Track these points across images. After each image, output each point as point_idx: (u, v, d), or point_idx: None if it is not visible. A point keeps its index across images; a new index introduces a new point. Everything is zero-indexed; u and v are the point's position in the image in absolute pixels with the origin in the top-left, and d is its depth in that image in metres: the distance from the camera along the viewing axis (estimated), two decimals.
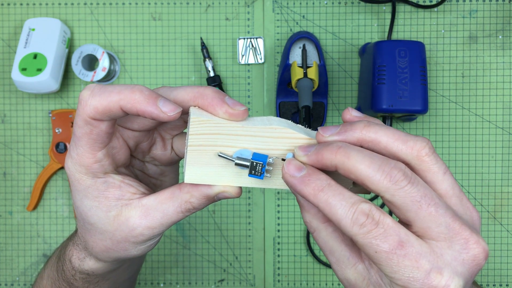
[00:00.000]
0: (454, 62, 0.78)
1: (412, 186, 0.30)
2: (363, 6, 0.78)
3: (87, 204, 0.39)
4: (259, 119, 0.37)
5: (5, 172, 0.79)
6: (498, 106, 0.77)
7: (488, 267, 0.77)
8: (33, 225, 0.79)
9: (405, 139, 0.32)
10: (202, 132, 0.36)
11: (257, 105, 0.78)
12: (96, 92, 0.35)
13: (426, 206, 0.30)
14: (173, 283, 0.79)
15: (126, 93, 0.35)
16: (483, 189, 0.77)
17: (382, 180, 0.30)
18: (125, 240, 0.39)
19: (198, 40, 0.78)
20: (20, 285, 0.79)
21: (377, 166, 0.30)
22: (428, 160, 0.32)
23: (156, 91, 0.38)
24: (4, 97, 0.79)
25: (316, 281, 0.79)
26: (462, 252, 0.30)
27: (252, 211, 0.78)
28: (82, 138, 0.37)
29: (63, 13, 0.78)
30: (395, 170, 0.30)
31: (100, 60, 0.74)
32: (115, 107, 0.35)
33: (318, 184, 0.32)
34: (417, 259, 0.30)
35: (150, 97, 0.35)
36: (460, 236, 0.30)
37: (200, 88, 0.37)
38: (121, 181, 0.39)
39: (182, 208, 0.38)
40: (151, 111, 0.35)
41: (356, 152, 0.31)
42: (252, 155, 0.36)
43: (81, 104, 0.36)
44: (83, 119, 0.36)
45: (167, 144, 0.43)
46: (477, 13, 0.77)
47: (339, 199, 0.31)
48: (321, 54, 0.72)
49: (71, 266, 0.46)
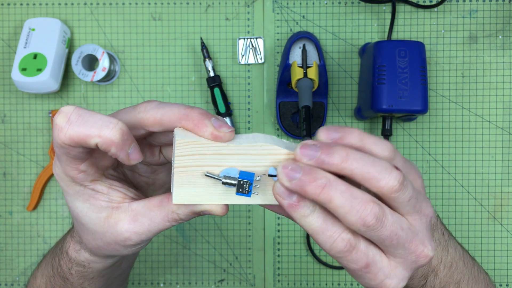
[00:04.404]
0: (454, 62, 0.78)
1: (380, 228, 0.35)
2: (363, 6, 0.78)
3: (78, 206, 0.39)
4: (245, 137, 0.38)
5: (5, 172, 0.79)
6: (498, 106, 0.77)
7: (488, 267, 0.77)
8: (33, 225, 0.79)
9: (378, 177, 0.34)
10: (187, 154, 0.36)
11: (257, 105, 0.78)
12: (73, 120, 0.35)
13: (390, 241, 0.36)
14: (173, 283, 0.79)
15: (106, 133, 0.35)
16: (483, 189, 0.77)
17: (357, 223, 0.34)
18: (115, 243, 0.40)
19: (198, 40, 0.78)
20: (20, 285, 0.79)
21: (355, 212, 0.34)
22: (395, 196, 0.35)
23: (144, 107, 0.38)
24: (4, 97, 0.79)
25: (316, 281, 0.79)
26: (411, 264, 0.38)
27: (252, 211, 0.78)
28: (61, 156, 0.37)
29: (63, 13, 0.78)
30: (369, 217, 0.34)
31: (100, 60, 0.74)
32: (91, 142, 0.35)
33: (305, 210, 0.35)
34: (376, 274, 0.37)
35: (126, 142, 0.36)
36: (413, 254, 0.37)
37: (186, 109, 0.37)
38: (108, 187, 0.39)
39: (169, 218, 0.38)
40: (122, 157, 0.36)
41: (338, 196, 0.34)
42: (239, 173, 0.36)
43: (56, 130, 0.35)
44: (57, 143, 0.36)
45: (155, 151, 0.43)
46: (477, 13, 0.77)
47: (323, 229, 0.36)
48: (321, 54, 0.72)
49: (68, 258, 0.47)
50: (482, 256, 0.78)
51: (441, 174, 0.77)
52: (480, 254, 0.78)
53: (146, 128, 0.38)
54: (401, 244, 0.36)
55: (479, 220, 0.78)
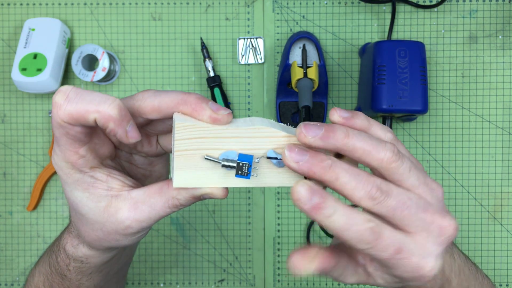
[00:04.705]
0: (454, 62, 0.78)
1: (386, 198, 0.35)
2: (363, 6, 0.78)
3: (78, 195, 0.40)
4: (242, 120, 0.38)
5: (5, 172, 0.79)
6: (498, 106, 0.77)
7: (488, 267, 0.77)
8: (33, 225, 0.79)
9: (377, 150, 0.36)
10: (187, 137, 0.36)
11: (257, 105, 0.78)
12: (72, 97, 0.35)
13: (400, 211, 0.36)
14: (173, 283, 0.79)
15: (104, 108, 0.35)
16: (483, 189, 0.77)
17: (365, 197, 0.35)
18: (115, 232, 0.40)
19: (198, 40, 0.78)
20: (20, 285, 0.79)
21: (361, 186, 0.35)
22: (395, 166, 0.36)
23: (141, 95, 0.38)
24: (4, 97, 0.79)
25: (316, 281, 0.79)
26: (438, 237, 0.37)
27: (252, 211, 0.78)
28: (61, 138, 0.37)
29: (63, 13, 0.78)
30: (373, 189, 0.35)
31: (100, 60, 0.74)
32: (90, 118, 0.35)
33: (328, 210, 0.35)
34: (409, 257, 0.36)
35: (124, 118, 0.36)
36: (434, 225, 0.36)
37: (184, 94, 0.38)
38: (107, 175, 0.40)
39: (169, 204, 0.39)
40: (120, 134, 0.36)
41: (344, 174, 0.35)
42: (238, 156, 0.37)
43: (55, 108, 0.36)
44: (57, 122, 0.36)
45: (152, 140, 0.43)
46: (477, 13, 0.77)
47: (348, 224, 0.35)
48: (321, 54, 0.72)
49: (65, 254, 0.47)
50: (482, 256, 0.78)
51: (441, 174, 0.78)
52: (480, 254, 0.78)
53: (144, 115, 0.39)
54: (414, 214, 0.36)
55: (479, 220, 0.78)
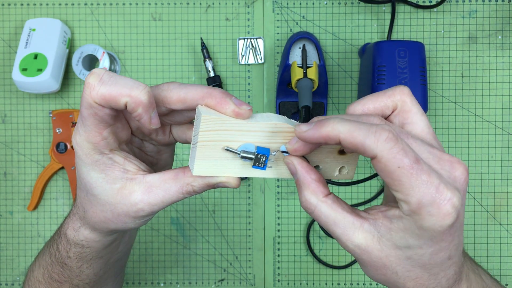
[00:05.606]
0: (454, 62, 0.78)
1: (398, 142, 0.33)
2: (363, 6, 0.78)
3: (94, 176, 0.41)
4: (260, 116, 0.41)
5: (6, 172, 0.79)
6: (498, 106, 0.77)
7: (488, 267, 0.77)
8: (33, 225, 0.79)
9: (386, 92, 0.37)
10: (211, 129, 0.38)
11: (257, 105, 0.78)
12: (106, 80, 0.37)
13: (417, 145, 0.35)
14: (173, 283, 0.79)
15: (137, 93, 0.37)
16: (483, 189, 0.78)
17: (376, 143, 0.33)
18: (125, 214, 0.41)
19: (198, 40, 0.78)
20: (20, 285, 0.79)
21: (373, 131, 0.33)
22: (409, 101, 0.37)
23: (167, 86, 0.40)
24: (5, 97, 0.79)
25: (316, 281, 0.79)
26: (451, 171, 0.35)
27: (252, 211, 0.79)
28: (88, 118, 0.39)
29: (63, 13, 0.79)
30: (383, 131, 0.33)
31: (101, 60, 0.75)
32: (121, 101, 0.37)
33: (334, 120, 0.35)
34: (429, 174, 0.33)
35: (152, 105, 0.38)
36: (444, 159, 0.35)
37: (209, 88, 0.40)
38: (124, 158, 0.41)
39: (183, 190, 0.40)
40: (145, 119, 0.38)
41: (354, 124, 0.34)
42: (256, 148, 0.39)
43: (88, 88, 0.37)
44: (88, 102, 0.38)
45: (166, 129, 0.45)
46: (477, 13, 0.78)
47: (357, 124, 0.34)
48: (321, 54, 0.72)
49: (66, 240, 0.48)
50: (482, 256, 0.78)
51: None
52: (480, 254, 0.78)
53: (169, 105, 0.40)
54: (425, 149, 0.35)
55: (479, 220, 0.78)
